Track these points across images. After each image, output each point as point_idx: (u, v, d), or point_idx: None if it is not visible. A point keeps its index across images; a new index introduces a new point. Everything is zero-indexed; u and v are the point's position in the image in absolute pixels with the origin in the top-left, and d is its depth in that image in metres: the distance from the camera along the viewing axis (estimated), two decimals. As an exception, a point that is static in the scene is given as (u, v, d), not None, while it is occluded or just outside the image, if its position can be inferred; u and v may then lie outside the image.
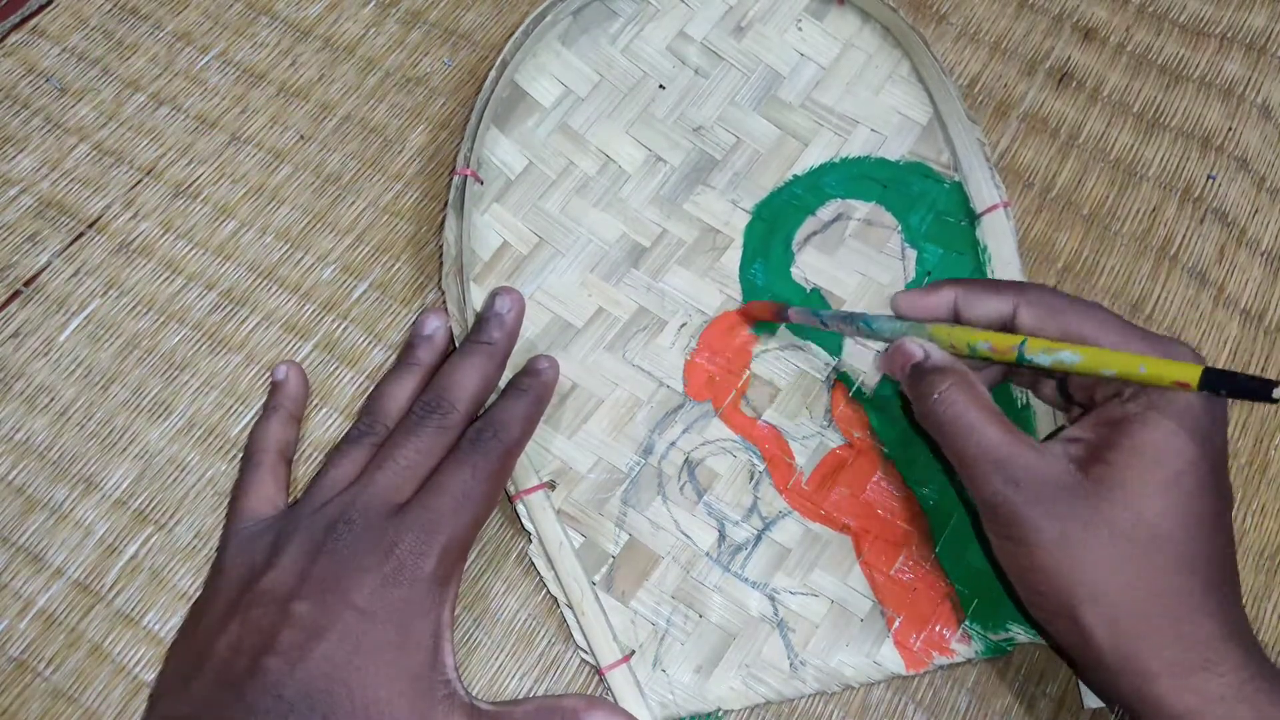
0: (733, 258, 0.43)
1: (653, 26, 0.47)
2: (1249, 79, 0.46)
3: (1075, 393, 0.37)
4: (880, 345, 0.41)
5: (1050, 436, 0.37)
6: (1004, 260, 0.42)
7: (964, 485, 0.36)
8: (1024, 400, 0.40)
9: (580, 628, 0.37)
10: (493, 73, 0.43)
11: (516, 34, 0.44)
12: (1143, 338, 0.33)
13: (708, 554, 0.39)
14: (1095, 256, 0.43)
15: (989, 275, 0.42)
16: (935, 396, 0.34)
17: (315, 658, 0.32)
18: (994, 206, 0.43)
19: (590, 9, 0.47)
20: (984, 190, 0.43)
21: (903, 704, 0.37)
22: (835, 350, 0.42)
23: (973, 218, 0.43)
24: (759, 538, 0.39)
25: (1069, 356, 0.32)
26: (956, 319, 0.37)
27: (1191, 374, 0.30)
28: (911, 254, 0.43)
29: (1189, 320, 0.42)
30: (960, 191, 0.44)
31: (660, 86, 0.46)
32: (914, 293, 0.38)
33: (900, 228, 0.43)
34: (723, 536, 0.39)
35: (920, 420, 0.35)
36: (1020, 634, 0.37)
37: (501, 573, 0.39)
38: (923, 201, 0.44)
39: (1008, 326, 0.35)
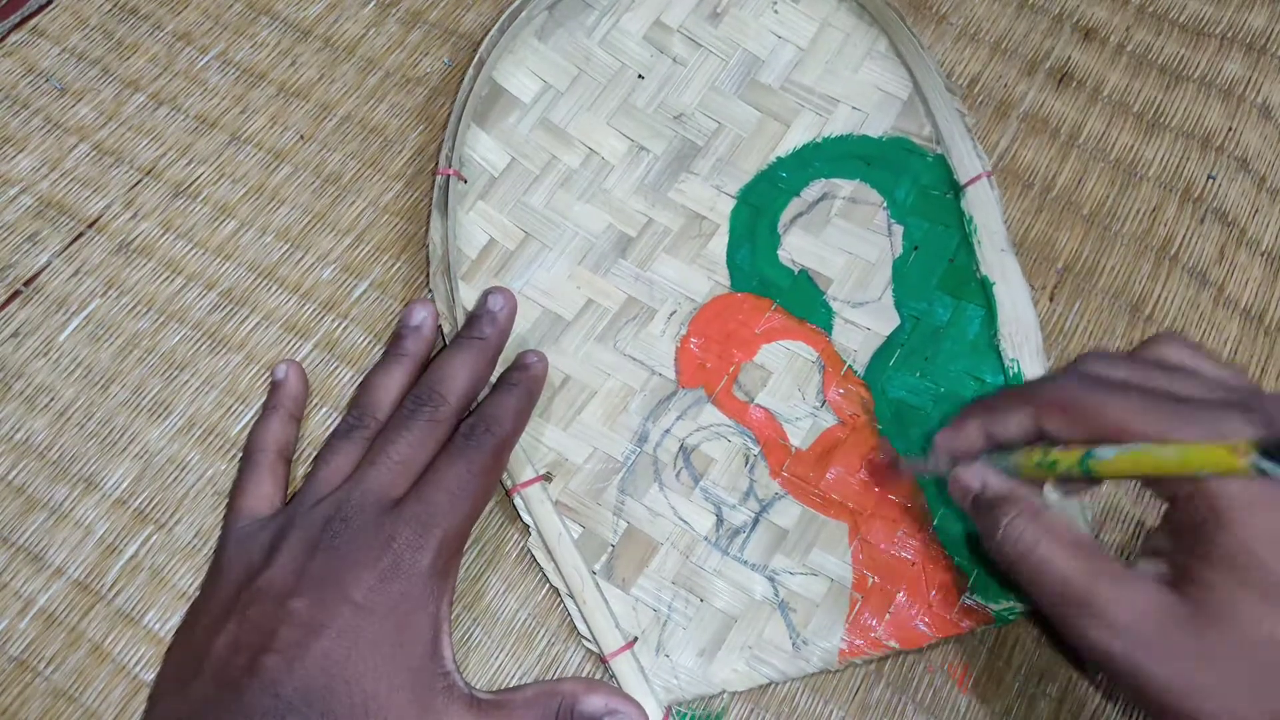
0: (719, 243, 0.39)
1: (629, 17, 0.43)
2: (1249, 79, 0.42)
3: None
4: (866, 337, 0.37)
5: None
6: (990, 230, 0.38)
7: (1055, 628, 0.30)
8: (1015, 369, 0.36)
9: (582, 617, 0.34)
10: (470, 71, 0.40)
11: (492, 32, 0.40)
12: (1188, 415, 0.27)
13: (706, 538, 0.35)
14: (1095, 256, 0.39)
15: (976, 246, 0.38)
16: (1000, 533, 0.29)
17: (314, 654, 0.29)
18: (977, 177, 0.39)
19: (565, 3, 0.43)
20: (966, 161, 0.39)
21: (902, 704, 0.34)
22: (826, 330, 0.38)
23: (957, 189, 0.39)
24: (756, 520, 0.35)
25: (1101, 456, 0.26)
26: (996, 446, 0.31)
27: (1235, 461, 0.23)
28: (898, 229, 0.39)
29: (1189, 320, 0.38)
30: (943, 164, 0.40)
31: (639, 76, 0.42)
32: (947, 431, 0.32)
33: (885, 204, 0.39)
34: (720, 520, 0.35)
35: (993, 557, 0.30)
36: (1020, 604, 0.33)
37: (501, 571, 0.35)
38: (906, 176, 0.40)
39: (1047, 438, 0.30)
